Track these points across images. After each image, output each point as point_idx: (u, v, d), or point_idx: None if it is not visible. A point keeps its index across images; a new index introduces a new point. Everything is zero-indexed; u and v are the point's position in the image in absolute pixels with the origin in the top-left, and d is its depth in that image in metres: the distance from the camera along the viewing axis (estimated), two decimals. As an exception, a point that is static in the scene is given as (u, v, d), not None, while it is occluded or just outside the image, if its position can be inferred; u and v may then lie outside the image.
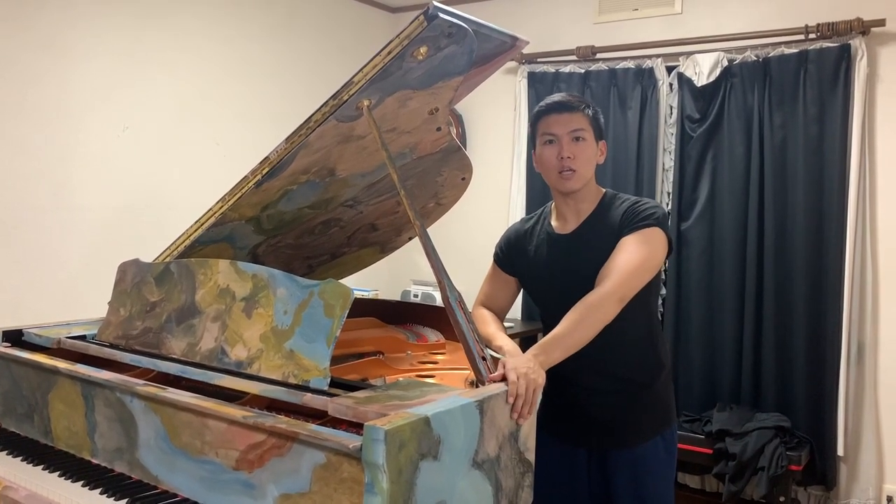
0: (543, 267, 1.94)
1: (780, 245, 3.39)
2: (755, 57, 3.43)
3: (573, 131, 1.85)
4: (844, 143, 3.25)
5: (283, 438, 1.28)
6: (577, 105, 1.88)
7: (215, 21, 3.55)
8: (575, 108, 1.87)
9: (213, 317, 1.62)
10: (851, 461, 3.28)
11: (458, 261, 2.52)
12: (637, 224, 1.79)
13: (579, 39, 3.90)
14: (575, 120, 1.85)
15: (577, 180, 1.86)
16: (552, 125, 1.87)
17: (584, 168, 1.86)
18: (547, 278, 1.94)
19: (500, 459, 1.39)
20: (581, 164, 1.85)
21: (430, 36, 1.49)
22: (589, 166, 1.87)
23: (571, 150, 1.84)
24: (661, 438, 1.90)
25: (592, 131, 1.87)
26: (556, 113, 1.87)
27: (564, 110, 1.86)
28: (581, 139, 1.85)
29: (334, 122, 1.63)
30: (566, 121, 1.85)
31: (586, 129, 1.86)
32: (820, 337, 3.30)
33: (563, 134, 1.85)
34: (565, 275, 1.87)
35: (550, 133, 1.87)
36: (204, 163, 3.48)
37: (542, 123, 1.89)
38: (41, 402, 1.74)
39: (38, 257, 2.93)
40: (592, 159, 1.88)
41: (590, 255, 1.82)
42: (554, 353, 1.62)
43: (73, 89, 3.02)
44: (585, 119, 1.86)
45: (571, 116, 1.86)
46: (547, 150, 1.88)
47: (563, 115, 1.86)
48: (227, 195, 1.79)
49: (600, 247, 1.81)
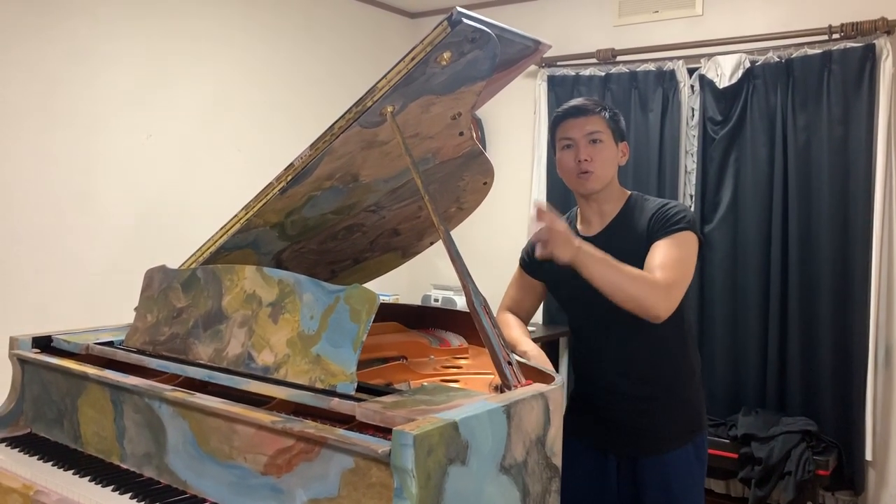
0: (569, 272, 1.93)
1: (805, 247, 3.36)
2: (777, 58, 3.40)
3: (589, 134, 1.86)
4: (870, 144, 3.21)
5: (312, 443, 1.28)
6: (593, 108, 1.89)
7: (236, 28, 3.58)
8: (590, 111, 1.88)
9: (239, 322, 1.63)
10: (880, 466, 3.23)
11: (479, 265, 2.51)
12: (669, 228, 1.79)
13: (599, 42, 3.89)
14: (591, 123, 1.87)
15: (596, 181, 1.87)
16: (569, 129, 1.89)
17: (602, 169, 1.86)
18: (572, 281, 1.93)
19: (528, 464, 1.38)
20: (598, 165, 1.86)
21: (454, 41, 1.49)
22: (608, 168, 1.88)
23: (588, 153, 1.85)
24: (691, 445, 1.88)
25: (611, 133, 1.88)
26: (572, 117, 1.89)
27: (580, 114, 1.88)
28: (598, 141, 1.86)
29: (358, 128, 1.64)
30: (582, 124, 1.87)
31: (603, 131, 1.87)
32: (846, 339, 3.26)
33: (579, 137, 1.87)
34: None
35: (567, 137, 1.89)
36: (226, 169, 3.51)
37: (559, 129, 1.92)
38: (70, 408, 1.76)
39: (63, 263, 2.97)
40: (611, 161, 1.89)
41: (615, 257, 1.81)
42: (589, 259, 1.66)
43: (97, 97, 3.06)
44: (602, 121, 1.87)
45: (587, 119, 1.87)
46: (565, 154, 1.90)
47: (578, 119, 1.88)
48: (252, 202, 1.80)
49: (627, 248, 1.81)
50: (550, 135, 1.98)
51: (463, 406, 1.31)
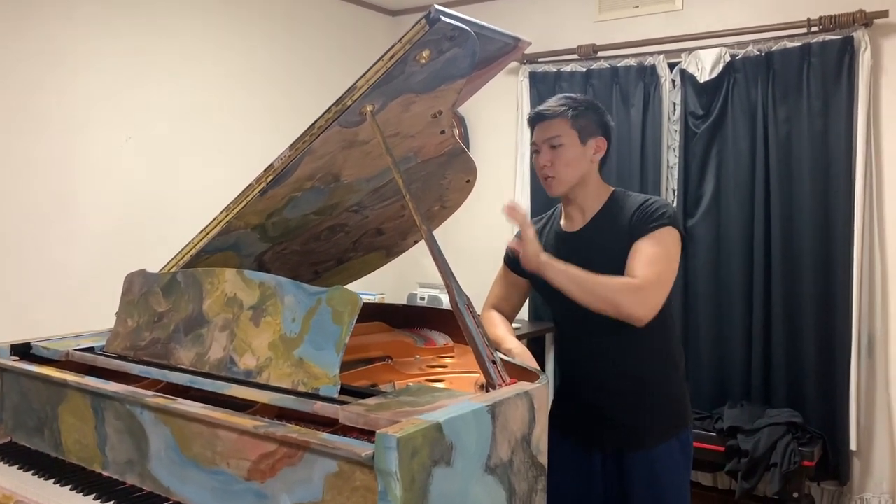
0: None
1: (788, 239, 3.38)
2: (757, 51, 3.41)
3: (548, 139, 1.88)
4: (850, 135, 3.23)
5: (295, 447, 1.27)
6: (555, 111, 1.89)
7: (216, 28, 3.55)
8: (550, 115, 1.89)
9: (220, 326, 1.61)
10: (865, 455, 3.26)
11: (463, 263, 2.50)
12: (650, 225, 1.80)
13: (580, 38, 3.89)
14: (552, 127, 1.88)
15: (557, 185, 1.89)
16: (535, 135, 1.93)
17: (563, 172, 1.88)
18: None
19: (513, 464, 1.38)
20: (559, 169, 1.87)
21: (433, 39, 1.48)
22: (570, 170, 1.88)
23: (547, 158, 1.88)
24: (676, 440, 1.89)
25: (575, 134, 1.88)
26: (537, 122, 1.92)
27: (541, 119, 1.91)
28: (557, 146, 1.87)
29: (338, 127, 1.63)
30: (544, 129, 1.90)
31: (564, 134, 1.87)
32: (830, 331, 3.28)
33: (541, 142, 1.90)
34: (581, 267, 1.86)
35: (533, 142, 1.94)
36: (207, 171, 3.48)
37: (531, 134, 1.96)
38: (51, 416, 1.74)
39: (42, 268, 2.93)
40: (574, 162, 1.88)
41: (597, 253, 1.83)
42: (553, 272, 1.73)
43: (75, 99, 3.02)
44: (563, 124, 1.87)
45: (549, 124, 1.89)
46: (535, 159, 1.95)
47: (542, 123, 1.91)
48: (232, 203, 1.79)
49: (608, 245, 1.82)
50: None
51: (447, 407, 1.30)
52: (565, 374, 2.05)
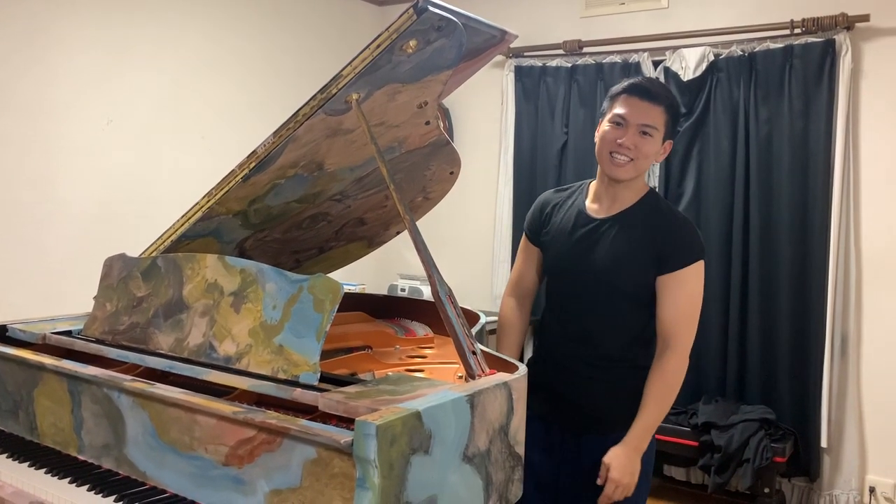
0: (564, 244, 1.90)
1: (765, 238, 3.42)
2: (741, 52, 3.44)
3: (643, 125, 1.78)
4: (829, 137, 3.27)
5: (274, 434, 1.27)
6: (661, 96, 1.80)
7: (200, 14, 3.52)
8: (657, 99, 1.79)
9: (200, 312, 1.60)
10: (835, 453, 3.31)
11: (446, 255, 2.51)
12: (683, 259, 1.78)
13: (566, 33, 3.90)
14: (652, 114, 1.78)
15: (628, 171, 1.80)
16: (626, 108, 1.79)
17: (641, 162, 1.80)
18: (565, 256, 1.90)
19: (491, 453, 1.39)
20: (639, 157, 1.79)
21: (420, 29, 1.48)
22: (646, 162, 1.81)
23: (633, 141, 1.78)
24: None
25: (664, 129, 1.81)
26: (637, 97, 1.79)
27: (646, 98, 1.79)
28: (648, 135, 1.78)
29: (323, 115, 1.62)
30: (644, 111, 1.78)
31: (658, 127, 1.79)
32: (804, 330, 3.33)
33: (633, 121, 1.78)
34: (581, 260, 1.85)
35: (621, 115, 1.80)
36: (189, 157, 3.45)
37: (618, 102, 1.82)
38: (26, 399, 1.72)
39: (20, 252, 2.90)
40: (653, 156, 1.82)
41: (612, 248, 1.81)
42: (645, 441, 1.76)
43: (55, 82, 2.99)
44: (662, 116, 1.79)
45: (650, 108, 1.78)
46: (611, 130, 1.81)
47: (643, 102, 1.79)
48: (214, 189, 1.78)
49: (625, 245, 1.80)
50: (607, 105, 1.87)
51: (426, 396, 1.31)
52: (540, 346, 2.02)
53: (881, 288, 3.26)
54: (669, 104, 1.81)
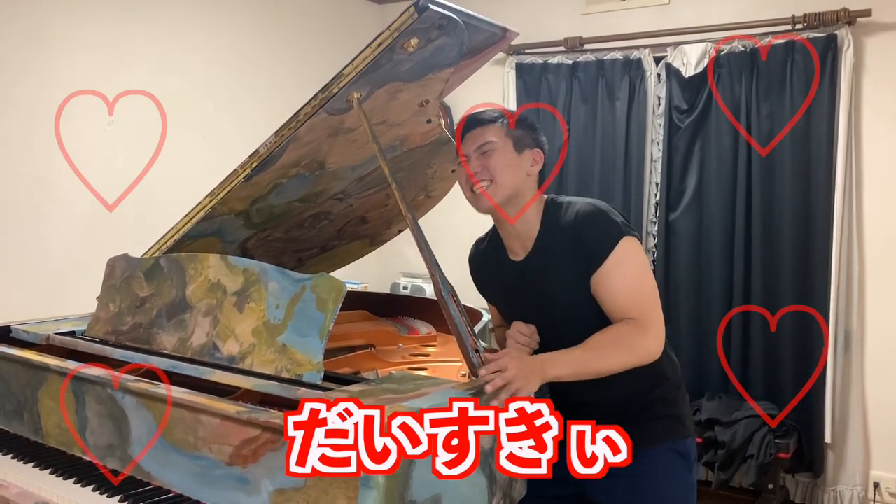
0: (505, 298, 1.80)
1: (768, 234, 3.41)
2: (742, 47, 3.44)
3: (481, 146, 1.64)
4: (831, 132, 3.27)
5: (278, 433, 1.27)
6: (488, 118, 1.66)
7: (201, 13, 3.52)
8: (484, 121, 1.66)
9: (204, 311, 1.61)
10: (839, 448, 3.31)
11: (447, 253, 2.50)
12: (605, 250, 1.58)
13: (567, 30, 3.89)
14: (484, 133, 1.64)
15: (495, 190, 1.62)
16: (464, 145, 1.67)
17: (500, 175, 1.62)
18: (512, 306, 1.79)
19: (494, 452, 1.39)
20: (495, 173, 1.61)
21: (421, 28, 1.48)
22: (508, 173, 1.62)
23: (480, 164, 1.63)
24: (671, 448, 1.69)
25: (509, 141, 1.64)
26: (468, 130, 1.67)
27: (474, 126, 1.66)
28: (489, 151, 1.63)
29: (324, 114, 1.62)
30: (475, 137, 1.65)
31: (498, 139, 1.63)
32: (807, 326, 3.33)
33: (471, 151, 1.65)
34: (527, 305, 1.72)
35: (464, 153, 1.67)
36: (190, 156, 3.45)
37: (461, 145, 1.68)
38: (31, 399, 1.72)
39: (23, 253, 2.90)
40: (511, 168, 1.63)
41: (550, 282, 1.66)
42: (561, 368, 1.49)
43: (57, 82, 2.98)
44: (496, 131, 1.64)
45: (482, 131, 1.65)
46: (459, 174, 1.68)
47: (472, 131, 1.66)
48: (217, 189, 1.78)
49: (559, 271, 1.65)
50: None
51: (430, 394, 1.31)
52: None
53: (884, 283, 3.25)
54: (501, 118, 1.66)
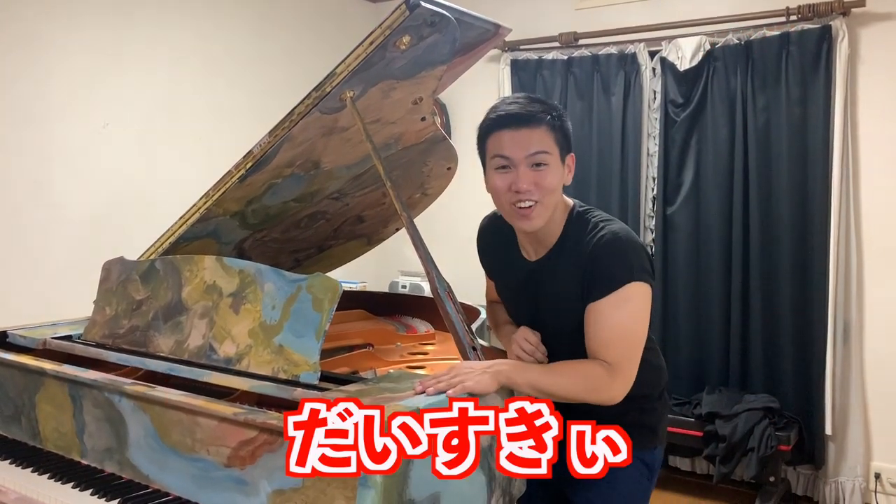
0: (509, 287, 1.75)
1: (766, 227, 3.41)
2: (737, 40, 3.43)
3: (533, 155, 1.48)
4: (827, 124, 3.26)
5: (275, 434, 1.27)
6: (539, 115, 1.49)
7: (195, 15, 3.51)
8: (536, 120, 1.48)
9: (200, 313, 1.60)
10: (839, 440, 3.31)
11: (445, 251, 2.51)
12: (607, 287, 1.48)
13: (561, 26, 3.89)
14: (535, 138, 1.48)
15: (540, 216, 1.51)
16: (506, 145, 1.49)
17: (547, 199, 1.50)
18: (513, 298, 1.75)
19: (493, 449, 1.38)
20: (544, 195, 1.50)
21: (413, 25, 1.48)
22: (555, 196, 1.52)
23: (530, 180, 1.48)
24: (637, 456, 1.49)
25: (558, 149, 1.51)
26: (512, 128, 1.49)
27: (522, 124, 1.48)
28: (543, 164, 1.48)
29: (318, 114, 1.62)
30: (524, 140, 1.48)
31: (550, 149, 1.49)
32: (806, 318, 3.32)
33: (520, 158, 1.48)
34: (528, 305, 1.67)
35: (503, 156, 1.50)
36: (186, 158, 3.44)
37: (492, 141, 1.52)
38: (28, 404, 1.72)
39: (19, 257, 2.89)
40: (558, 187, 1.52)
41: (548, 293, 1.61)
42: (520, 377, 1.42)
43: (51, 86, 2.98)
44: (549, 134, 1.49)
45: (531, 133, 1.48)
46: (499, 177, 1.52)
47: (520, 130, 1.48)
48: (211, 190, 1.78)
49: (558, 288, 1.59)
50: (479, 145, 1.58)
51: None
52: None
53: (882, 274, 3.25)
54: (550, 117, 1.50)
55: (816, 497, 3.39)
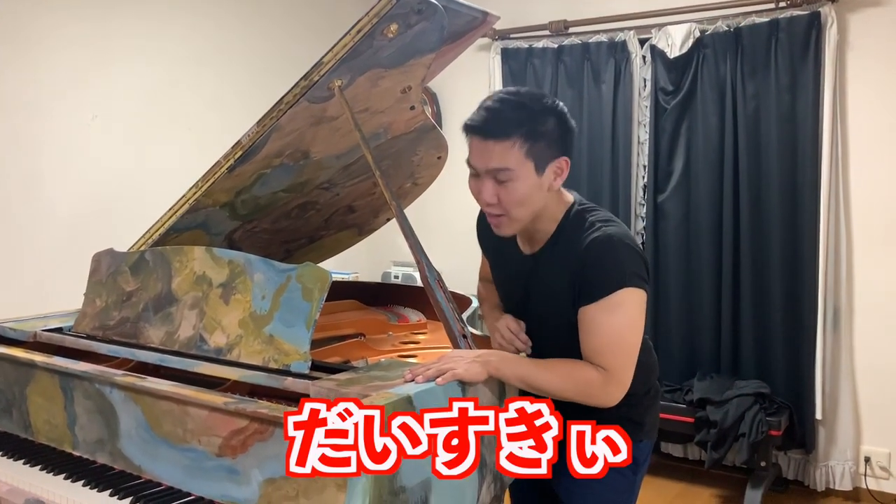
0: (502, 272, 1.74)
1: (756, 214, 3.42)
2: (727, 27, 3.43)
3: (493, 170, 1.45)
4: (816, 110, 3.27)
5: (266, 423, 1.27)
6: (508, 129, 1.42)
7: (183, 7, 3.49)
8: (502, 133, 1.42)
9: (190, 304, 1.60)
10: (829, 424, 3.34)
11: (436, 240, 2.52)
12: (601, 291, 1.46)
13: (551, 14, 3.88)
14: (497, 152, 1.43)
15: (509, 226, 1.51)
16: (472, 153, 1.48)
17: (515, 211, 1.48)
18: (506, 284, 1.74)
19: (483, 436, 1.39)
20: (509, 208, 1.47)
21: (400, 13, 1.47)
22: (524, 207, 1.48)
23: (492, 193, 1.47)
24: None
25: (530, 161, 1.44)
26: (478, 137, 1.46)
27: (487, 136, 1.44)
28: (506, 181, 1.44)
29: (306, 103, 1.62)
30: (487, 153, 1.44)
31: (515, 165, 1.43)
32: (796, 303, 3.34)
33: (481, 169, 1.47)
34: (520, 294, 1.66)
35: (470, 164, 1.49)
36: (176, 150, 3.43)
37: (468, 142, 1.50)
38: (19, 397, 1.72)
39: (8, 250, 2.88)
40: (529, 197, 1.47)
41: (540, 288, 1.60)
42: (509, 368, 1.43)
43: (39, 79, 2.96)
44: (517, 149, 1.43)
45: (494, 146, 1.43)
46: (472, 181, 1.51)
47: (486, 142, 1.44)
48: (200, 181, 1.77)
49: (549, 286, 1.57)
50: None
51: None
52: None
53: (872, 259, 3.27)
54: (524, 129, 1.43)
55: (807, 481, 3.42)
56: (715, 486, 3.47)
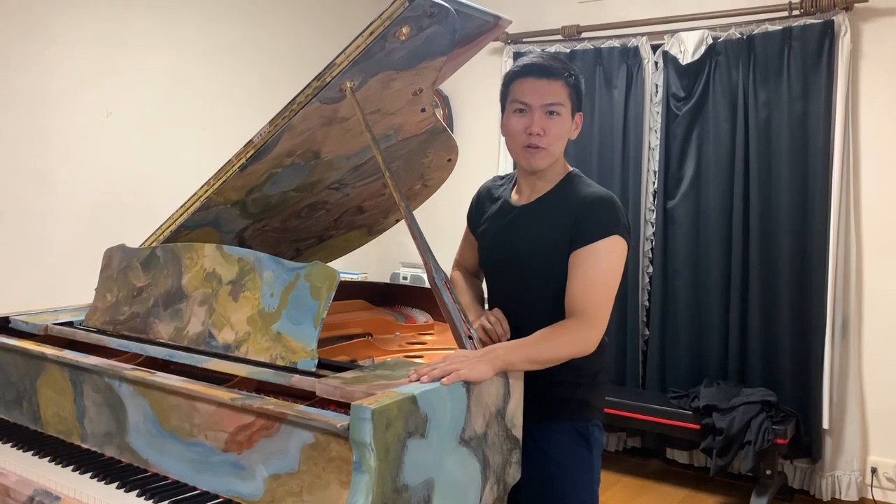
0: (492, 236, 1.82)
1: (766, 221, 3.42)
2: (739, 34, 3.43)
3: (548, 105, 1.65)
4: (828, 119, 3.26)
5: (272, 419, 1.29)
6: (559, 71, 1.67)
7: (198, 5, 3.52)
8: (555, 74, 1.66)
9: (199, 301, 1.62)
10: (836, 434, 3.32)
11: (444, 242, 2.52)
12: (592, 234, 1.62)
13: (564, 19, 3.89)
14: (553, 90, 1.65)
15: (544, 159, 1.68)
16: (526, 92, 1.67)
17: (554, 145, 1.68)
18: (491, 246, 1.82)
19: (488, 436, 1.40)
20: (552, 141, 1.67)
21: (412, 16, 1.48)
22: (560, 144, 1.69)
23: (542, 125, 1.65)
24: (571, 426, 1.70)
25: (570, 104, 1.68)
26: (533, 77, 1.67)
27: (543, 75, 1.66)
28: (555, 113, 1.66)
29: (317, 104, 1.63)
30: (543, 89, 1.65)
31: (563, 102, 1.66)
32: (805, 312, 3.34)
33: (536, 105, 1.66)
34: (503, 249, 1.77)
35: (522, 101, 1.67)
36: (188, 147, 3.46)
37: (514, 87, 1.69)
38: (30, 389, 1.74)
39: (22, 245, 2.92)
40: (565, 136, 1.69)
41: (526, 236, 1.72)
42: (516, 355, 1.50)
43: (54, 75, 2.99)
44: (565, 89, 1.67)
45: (550, 84, 1.65)
46: (515, 119, 1.69)
47: (540, 80, 1.66)
48: (212, 179, 1.79)
49: (539, 232, 1.70)
50: (503, 90, 1.74)
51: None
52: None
53: (881, 269, 3.26)
54: (568, 75, 1.68)
55: (813, 491, 3.40)
56: (720, 494, 3.46)
